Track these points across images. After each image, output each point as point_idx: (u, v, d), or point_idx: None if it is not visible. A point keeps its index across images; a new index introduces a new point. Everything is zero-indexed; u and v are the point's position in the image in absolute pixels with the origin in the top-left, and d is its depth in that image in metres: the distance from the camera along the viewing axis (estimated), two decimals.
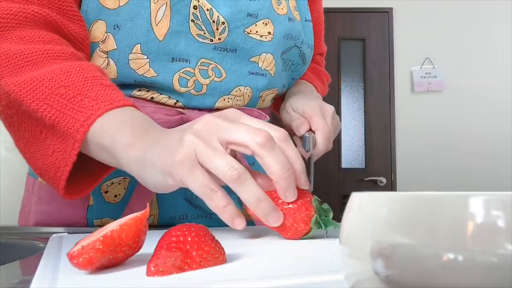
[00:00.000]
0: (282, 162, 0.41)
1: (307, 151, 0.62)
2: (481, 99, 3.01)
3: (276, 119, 0.78)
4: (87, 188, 0.52)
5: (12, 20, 0.51)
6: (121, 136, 0.45)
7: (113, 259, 0.33)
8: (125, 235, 0.33)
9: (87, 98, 0.47)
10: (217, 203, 0.40)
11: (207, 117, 0.43)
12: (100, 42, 0.57)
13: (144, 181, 0.45)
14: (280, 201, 0.44)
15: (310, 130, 0.63)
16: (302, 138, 0.63)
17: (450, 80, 3.02)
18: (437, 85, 3.02)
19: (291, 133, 0.65)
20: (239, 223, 0.41)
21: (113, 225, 0.33)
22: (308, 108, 0.64)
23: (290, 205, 0.44)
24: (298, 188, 0.44)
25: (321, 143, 0.62)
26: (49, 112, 0.46)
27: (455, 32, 3.04)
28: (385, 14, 3.08)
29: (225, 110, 0.46)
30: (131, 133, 0.45)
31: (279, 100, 0.79)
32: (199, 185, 0.40)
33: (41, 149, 0.49)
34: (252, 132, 0.41)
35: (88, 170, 0.52)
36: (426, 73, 3.03)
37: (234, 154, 0.44)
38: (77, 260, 0.31)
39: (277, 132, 0.43)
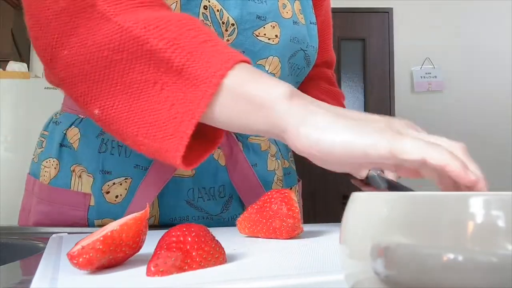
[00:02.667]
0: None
1: (382, 188, 0.60)
2: (481, 99, 3.01)
3: None
4: (202, 156, 0.45)
5: None
6: (276, 86, 0.39)
7: (113, 259, 0.33)
8: (125, 235, 0.33)
9: (219, 45, 0.42)
10: (441, 155, 0.35)
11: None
12: None
13: (309, 134, 0.37)
14: (264, 207, 0.46)
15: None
16: (367, 179, 0.61)
17: (450, 80, 3.02)
18: (437, 85, 3.02)
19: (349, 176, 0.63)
20: (473, 174, 0.36)
21: (113, 225, 0.33)
22: None
23: (273, 206, 0.45)
24: (277, 190, 0.47)
25: (392, 177, 0.60)
26: (180, 53, 0.40)
27: (455, 32, 3.04)
28: (385, 14, 3.08)
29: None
30: (286, 86, 0.40)
31: None
32: (414, 142, 0.35)
33: (152, 103, 0.41)
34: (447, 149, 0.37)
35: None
36: (426, 73, 3.03)
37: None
38: (77, 260, 0.31)
39: (457, 148, 0.39)
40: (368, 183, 0.62)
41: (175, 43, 0.41)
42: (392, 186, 0.60)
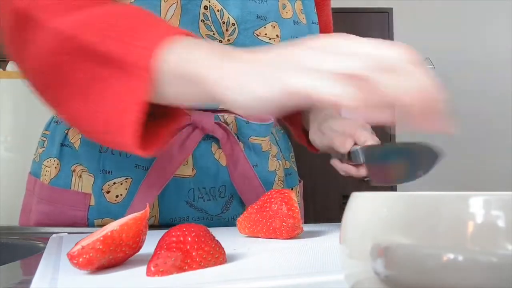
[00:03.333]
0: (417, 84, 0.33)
1: (360, 164, 0.60)
2: (481, 100, 3.01)
3: (281, 123, 0.78)
4: (160, 144, 0.44)
5: None
6: (206, 57, 0.38)
7: (113, 259, 0.33)
8: (125, 235, 0.33)
9: (153, 27, 0.41)
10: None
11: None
12: None
13: (241, 98, 0.36)
14: (264, 207, 0.46)
15: (355, 144, 0.62)
16: (349, 154, 0.61)
17: (450, 80, 3.02)
18: None
19: (332, 152, 0.64)
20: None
21: (113, 225, 0.33)
22: (348, 126, 0.63)
23: (273, 206, 0.45)
24: (277, 190, 0.46)
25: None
26: (112, 44, 0.40)
27: (455, 32, 3.04)
28: (385, 14, 3.08)
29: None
30: (219, 54, 0.39)
31: (301, 131, 0.78)
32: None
33: (102, 98, 0.41)
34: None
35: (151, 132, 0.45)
36: None
37: None
38: (77, 260, 0.31)
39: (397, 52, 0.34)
40: (350, 159, 0.62)
41: (106, 34, 0.41)
42: (369, 155, 0.60)
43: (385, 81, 0.32)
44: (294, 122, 0.77)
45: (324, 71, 0.33)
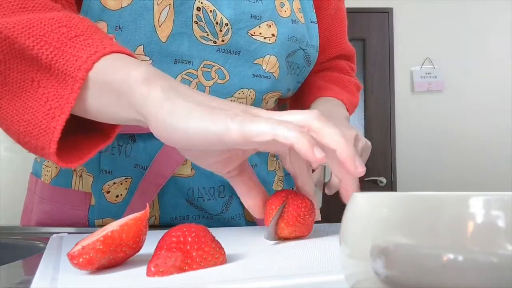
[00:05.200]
0: (339, 132, 0.37)
1: (325, 182, 0.59)
2: (481, 99, 3.01)
3: None
4: (79, 158, 0.44)
5: None
6: (135, 71, 0.38)
7: (113, 259, 0.33)
8: (125, 235, 0.33)
9: (91, 39, 0.41)
10: (290, 132, 0.35)
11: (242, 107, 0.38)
12: None
13: (165, 120, 0.36)
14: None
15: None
16: (318, 168, 0.61)
17: (450, 80, 3.02)
18: (437, 85, 3.02)
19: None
20: (319, 151, 0.35)
21: (113, 225, 0.33)
22: None
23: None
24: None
25: (330, 173, 0.60)
26: (47, 49, 0.40)
27: (455, 32, 3.04)
28: (385, 14, 3.08)
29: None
30: (147, 70, 0.39)
31: None
32: (263, 122, 0.35)
33: (31, 100, 0.41)
34: (297, 114, 0.38)
35: (80, 141, 0.45)
36: (426, 73, 3.03)
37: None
38: (77, 261, 0.31)
39: (311, 113, 0.38)
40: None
41: (42, 39, 0.41)
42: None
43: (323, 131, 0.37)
44: None
45: (275, 119, 0.36)
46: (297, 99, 0.78)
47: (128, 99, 0.38)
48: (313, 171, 0.62)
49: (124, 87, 0.38)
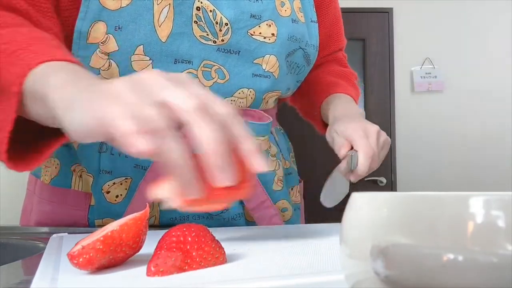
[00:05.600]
0: (218, 134, 0.33)
1: (352, 170, 0.62)
2: (482, 99, 3.01)
3: (284, 122, 0.78)
4: (34, 162, 0.46)
5: None
6: (54, 79, 0.40)
7: (113, 259, 0.33)
8: (125, 235, 0.33)
9: (28, 51, 0.44)
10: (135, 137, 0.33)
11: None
12: (100, 43, 0.57)
13: (65, 122, 0.37)
14: None
15: (352, 149, 0.63)
16: (346, 158, 0.63)
17: (450, 80, 3.02)
18: (437, 85, 3.02)
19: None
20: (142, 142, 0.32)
21: (113, 225, 0.33)
22: (350, 130, 0.64)
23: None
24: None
25: (363, 162, 0.61)
26: None
27: (455, 32, 3.04)
28: (385, 14, 3.08)
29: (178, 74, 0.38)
30: (65, 77, 0.41)
31: (321, 123, 0.79)
32: (116, 114, 0.34)
33: None
34: (189, 95, 0.34)
35: (39, 144, 0.47)
36: (426, 73, 3.03)
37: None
38: (77, 260, 0.31)
39: (223, 108, 0.35)
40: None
41: None
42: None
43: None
44: (314, 118, 0.79)
45: (136, 107, 0.34)
46: (307, 96, 0.79)
47: (46, 103, 0.40)
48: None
49: (44, 95, 0.40)
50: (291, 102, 0.84)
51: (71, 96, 0.38)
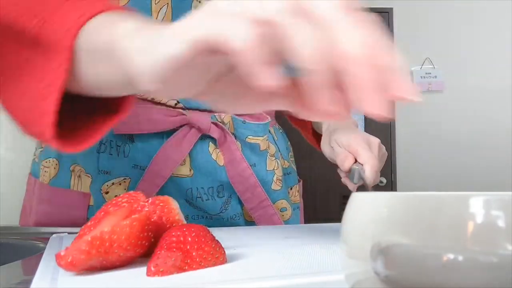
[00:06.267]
0: (322, 42, 0.25)
1: (355, 184, 0.61)
2: (481, 99, 3.01)
3: (283, 122, 0.78)
4: (84, 142, 0.39)
5: None
6: (123, 27, 0.34)
7: (105, 261, 0.31)
8: (117, 236, 0.31)
9: (79, 1, 0.37)
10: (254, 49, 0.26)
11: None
12: None
13: (148, 61, 0.30)
14: None
15: (356, 162, 0.62)
16: (349, 171, 0.62)
17: (450, 80, 3.02)
18: (437, 85, 3.02)
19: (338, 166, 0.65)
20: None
21: (105, 225, 0.32)
22: (353, 141, 0.63)
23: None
24: None
25: (370, 176, 0.60)
26: (32, 21, 0.36)
27: (455, 32, 3.04)
28: (385, 14, 3.08)
29: None
30: (136, 25, 0.34)
31: (313, 134, 0.78)
32: (221, 28, 0.27)
33: (30, 82, 0.37)
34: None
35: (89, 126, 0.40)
36: (426, 73, 3.03)
37: None
38: (64, 261, 0.30)
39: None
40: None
41: (28, 11, 0.37)
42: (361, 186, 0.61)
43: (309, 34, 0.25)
44: (305, 126, 0.78)
45: (237, 15, 0.26)
46: None
47: (112, 52, 0.34)
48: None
49: (110, 47, 0.34)
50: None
51: (152, 35, 0.31)
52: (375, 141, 0.64)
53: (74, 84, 0.36)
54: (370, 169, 0.60)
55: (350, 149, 0.63)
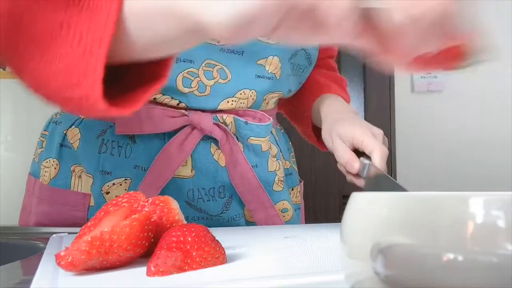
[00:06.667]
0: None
1: (364, 177, 0.60)
2: (482, 99, 3.01)
3: (284, 122, 0.78)
4: (137, 103, 0.38)
5: None
6: None
7: (105, 261, 0.31)
8: (116, 236, 0.31)
9: None
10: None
11: None
12: None
13: (236, 4, 0.30)
14: None
15: (362, 158, 0.61)
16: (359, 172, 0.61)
17: (450, 80, 3.02)
18: (437, 85, 3.02)
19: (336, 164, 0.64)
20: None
21: (105, 225, 0.32)
22: (357, 133, 0.61)
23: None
24: None
25: (379, 164, 0.59)
26: None
27: None
28: None
29: None
30: None
31: (311, 124, 0.76)
32: None
33: (63, 47, 0.35)
34: None
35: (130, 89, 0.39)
36: (426, 73, 3.03)
37: None
38: (64, 261, 0.30)
39: None
40: (359, 175, 0.61)
41: None
42: (380, 178, 0.59)
43: None
44: (305, 120, 0.77)
45: None
46: (298, 96, 0.78)
47: (177, 14, 0.33)
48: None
49: (168, 5, 0.33)
50: (278, 108, 0.81)
51: None
52: (379, 131, 0.63)
53: (117, 46, 0.34)
54: (378, 156, 0.58)
55: (355, 140, 0.61)
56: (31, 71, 0.37)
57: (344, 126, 0.64)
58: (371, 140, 0.60)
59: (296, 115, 0.80)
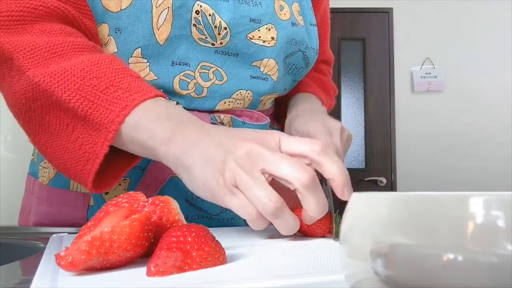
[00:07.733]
0: (322, 204, 0.43)
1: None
2: (481, 99, 3.01)
3: (280, 121, 0.78)
4: (113, 181, 0.51)
5: (33, 14, 0.52)
6: (158, 130, 0.45)
7: (105, 261, 0.31)
8: (116, 237, 0.31)
9: (120, 89, 0.47)
10: (257, 223, 0.43)
11: (250, 145, 0.43)
12: (103, 45, 0.57)
13: (180, 178, 0.46)
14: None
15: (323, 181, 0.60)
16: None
17: (450, 80, 3.02)
18: (437, 85, 3.02)
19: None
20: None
21: (105, 225, 0.32)
22: (312, 129, 0.61)
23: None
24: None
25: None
26: (82, 103, 0.46)
27: (455, 32, 3.04)
28: (385, 14, 3.08)
29: (264, 134, 0.45)
30: (169, 128, 0.46)
31: (279, 110, 0.77)
32: (239, 206, 0.43)
33: (67, 142, 0.48)
34: (297, 169, 0.42)
35: (111, 163, 0.51)
36: (426, 73, 3.03)
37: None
38: (64, 261, 0.30)
39: (315, 146, 0.44)
40: None
41: (77, 93, 0.47)
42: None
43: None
44: (282, 119, 0.77)
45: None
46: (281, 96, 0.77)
47: (154, 153, 0.46)
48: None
49: (149, 144, 0.46)
50: None
51: (181, 156, 0.44)
52: (336, 125, 0.62)
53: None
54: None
55: (310, 136, 0.60)
56: (38, 141, 0.51)
57: (300, 122, 0.65)
58: (323, 137, 0.59)
59: (278, 115, 0.80)
